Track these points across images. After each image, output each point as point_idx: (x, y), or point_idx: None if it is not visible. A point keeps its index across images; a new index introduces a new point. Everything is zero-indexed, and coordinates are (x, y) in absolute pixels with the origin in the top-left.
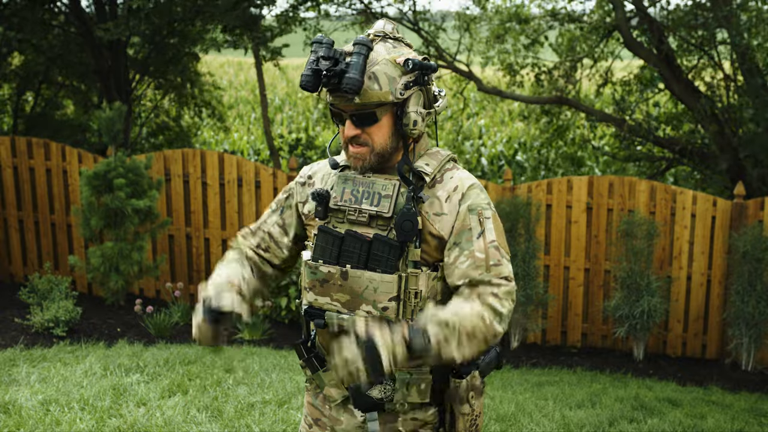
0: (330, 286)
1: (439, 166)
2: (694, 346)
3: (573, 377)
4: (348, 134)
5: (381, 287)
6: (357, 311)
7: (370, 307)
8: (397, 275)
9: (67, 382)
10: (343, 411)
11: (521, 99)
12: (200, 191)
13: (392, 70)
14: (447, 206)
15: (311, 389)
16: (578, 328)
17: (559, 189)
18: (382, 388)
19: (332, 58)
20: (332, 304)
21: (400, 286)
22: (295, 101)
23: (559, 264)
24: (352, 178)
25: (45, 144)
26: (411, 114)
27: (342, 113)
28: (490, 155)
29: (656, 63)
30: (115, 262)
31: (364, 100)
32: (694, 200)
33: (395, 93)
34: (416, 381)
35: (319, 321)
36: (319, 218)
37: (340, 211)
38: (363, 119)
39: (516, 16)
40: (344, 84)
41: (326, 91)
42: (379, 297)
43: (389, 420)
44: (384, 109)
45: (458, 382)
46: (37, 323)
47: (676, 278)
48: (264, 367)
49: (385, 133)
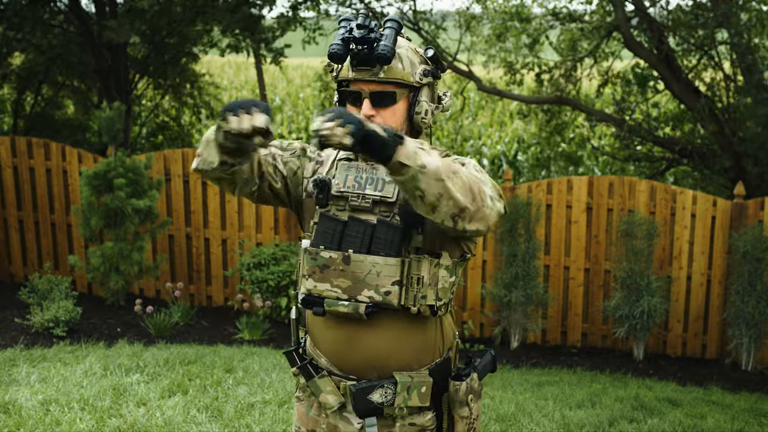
0: (330, 272)
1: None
2: (694, 346)
3: (573, 377)
4: (365, 113)
5: (384, 271)
6: (358, 296)
7: (372, 291)
8: (401, 259)
9: (67, 382)
10: (339, 418)
11: (521, 99)
12: (200, 191)
13: (413, 56)
14: None
15: (304, 398)
16: (578, 328)
17: (559, 189)
18: (383, 392)
19: (367, 27)
20: (332, 290)
21: (402, 270)
22: (295, 101)
23: (559, 264)
24: (355, 166)
25: (45, 144)
26: (423, 103)
27: (361, 92)
28: (490, 155)
29: (656, 63)
30: (115, 262)
31: (389, 76)
32: (694, 200)
33: (415, 77)
34: (418, 384)
35: (317, 309)
36: (319, 206)
37: (342, 197)
38: (381, 99)
39: (517, 14)
40: (380, 49)
41: (349, 67)
42: (382, 281)
43: (387, 425)
44: (402, 92)
45: (458, 385)
46: (37, 323)
47: (676, 278)
48: (264, 367)
49: (399, 119)
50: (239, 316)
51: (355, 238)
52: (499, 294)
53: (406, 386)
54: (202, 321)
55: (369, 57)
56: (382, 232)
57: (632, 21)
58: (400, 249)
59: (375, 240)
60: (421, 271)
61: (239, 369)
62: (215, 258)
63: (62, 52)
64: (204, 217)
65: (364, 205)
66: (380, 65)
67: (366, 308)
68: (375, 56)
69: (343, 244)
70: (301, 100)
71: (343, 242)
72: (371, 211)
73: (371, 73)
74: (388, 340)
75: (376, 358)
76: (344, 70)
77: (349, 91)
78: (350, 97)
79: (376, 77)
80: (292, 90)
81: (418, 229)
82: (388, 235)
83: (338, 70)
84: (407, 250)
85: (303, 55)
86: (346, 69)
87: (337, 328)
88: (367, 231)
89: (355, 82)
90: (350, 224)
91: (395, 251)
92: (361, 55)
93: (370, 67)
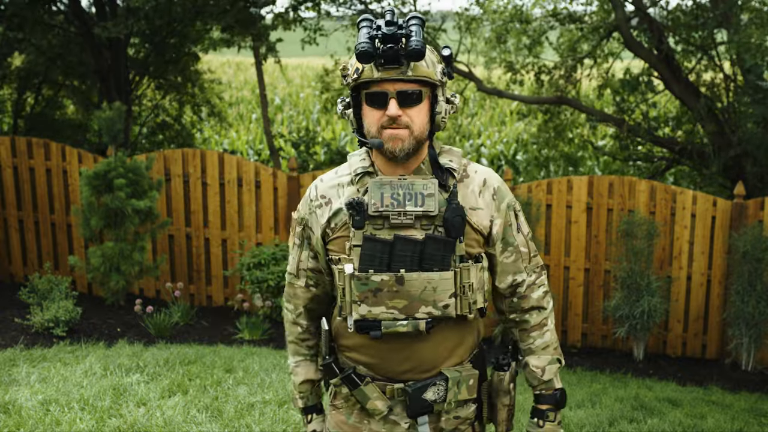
0: (384, 294)
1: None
2: (694, 346)
3: (573, 377)
4: (393, 113)
5: (441, 285)
6: (416, 314)
7: (430, 307)
8: (453, 271)
9: (67, 382)
10: (385, 422)
11: (521, 99)
12: (200, 191)
13: (432, 55)
14: (481, 201)
15: (345, 407)
16: (578, 328)
17: (559, 189)
18: (436, 389)
19: (396, 23)
20: (388, 312)
21: (456, 282)
22: (295, 101)
23: (559, 264)
24: (388, 182)
25: (45, 144)
26: (442, 103)
27: (387, 92)
28: (490, 155)
29: (656, 63)
30: (116, 262)
31: (416, 74)
32: (694, 200)
33: (437, 75)
34: (466, 378)
35: (375, 333)
36: (356, 228)
37: (381, 217)
38: (407, 98)
39: (518, 16)
40: (413, 44)
41: (372, 67)
42: (439, 296)
43: (433, 421)
44: (426, 90)
45: (502, 375)
46: (37, 323)
47: (676, 278)
48: (264, 367)
49: (423, 118)
50: (239, 316)
51: (404, 257)
52: None
53: (456, 381)
54: (202, 321)
55: (398, 54)
56: (432, 247)
57: (632, 21)
58: (450, 262)
59: (426, 256)
60: (470, 278)
61: (239, 369)
62: (215, 258)
63: (62, 52)
64: (204, 217)
65: (406, 222)
66: (408, 63)
67: (426, 324)
68: (409, 51)
69: (392, 264)
70: (302, 99)
71: (393, 263)
72: (413, 227)
73: (399, 71)
74: (440, 346)
75: (423, 364)
76: (367, 71)
77: (373, 92)
78: (372, 99)
79: (404, 75)
80: (293, 90)
81: (460, 238)
82: (439, 250)
83: (359, 71)
84: (453, 260)
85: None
86: (370, 69)
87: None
88: (417, 248)
89: (379, 83)
90: (397, 243)
91: (447, 265)
92: (390, 52)
93: (398, 65)
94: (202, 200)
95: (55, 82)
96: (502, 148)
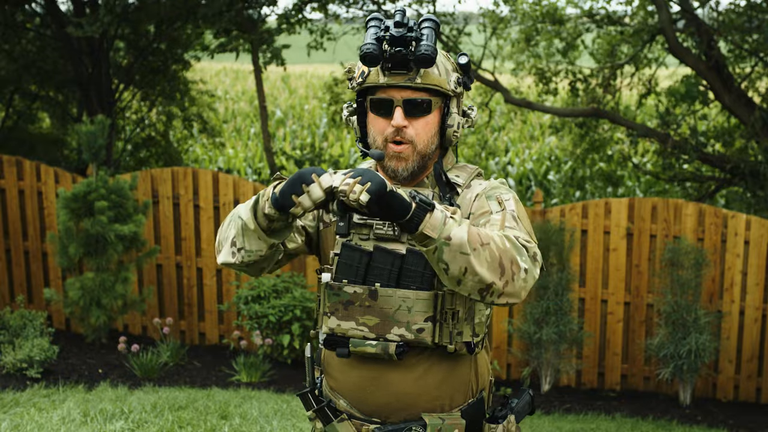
0: (355, 308)
1: (470, 178)
2: (748, 389)
3: (611, 425)
4: (398, 123)
5: (416, 306)
6: (387, 335)
7: (403, 329)
8: (434, 292)
9: (43, 429)
10: None
11: (553, 111)
12: (192, 215)
13: (447, 62)
14: (474, 207)
15: None
16: (617, 369)
17: (595, 213)
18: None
19: (405, 25)
20: (358, 329)
21: (436, 305)
22: (299, 114)
23: (595, 297)
24: None
25: (17, 162)
26: (454, 115)
27: (392, 99)
28: (518, 174)
29: (704, 71)
30: (97, 295)
31: (425, 81)
32: (748, 225)
33: (450, 85)
34: (449, 428)
35: (342, 350)
36: (340, 235)
37: (366, 225)
38: (415, 108)
39: (549, 15)
40: (423, 49)
41: (379, 71)
42: (413, 318)
43: None
44: (436, 101)
45: (494, 428)
46: (8, 363)
47: (727, 313)
48: (264, 412)
49: (430, 131)
50: (236, 355)
51: (382, 270)
52: (529, 331)
53: (437, 429)
54: (194, 361)
55: (406, 59)
56: (413, 262)
57: (678, 24)
58: (432, 281)
59: (404, 272)
60: (456, 305)
61: (236, 415)
62: (209, 290)
63: (37, 58)
64: (196, 244)
65: (390, 233)
66: (417, 69)
67: (397, 348)
68: (418, 57)
69: (368, 277)
70: (307, 112)
71: (369, 275)
72: (398, 239)
73: (407, 77)
74: (419, 380)
75: (404, 399)
76: (373, 75)
77: (378, 99)
78: (377, 106)
79: (412, 82)
80: (296, 101)
81: None
82: (419, 266)
83: (365, 75)
84: (440, 282)
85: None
86: (376, 73)
87: (361, 368)
88: (396, 262)
89: (385, 89)
90: (376, 255)
91: (427, 284)
92: (398, 56)
93: (407, 70)
94: (195, 225)
95: (28, 92)
96: (532, 167)
